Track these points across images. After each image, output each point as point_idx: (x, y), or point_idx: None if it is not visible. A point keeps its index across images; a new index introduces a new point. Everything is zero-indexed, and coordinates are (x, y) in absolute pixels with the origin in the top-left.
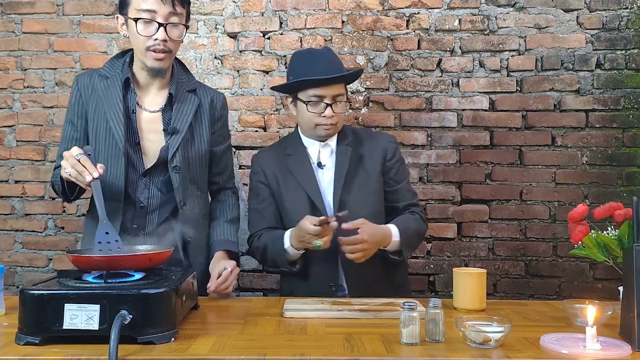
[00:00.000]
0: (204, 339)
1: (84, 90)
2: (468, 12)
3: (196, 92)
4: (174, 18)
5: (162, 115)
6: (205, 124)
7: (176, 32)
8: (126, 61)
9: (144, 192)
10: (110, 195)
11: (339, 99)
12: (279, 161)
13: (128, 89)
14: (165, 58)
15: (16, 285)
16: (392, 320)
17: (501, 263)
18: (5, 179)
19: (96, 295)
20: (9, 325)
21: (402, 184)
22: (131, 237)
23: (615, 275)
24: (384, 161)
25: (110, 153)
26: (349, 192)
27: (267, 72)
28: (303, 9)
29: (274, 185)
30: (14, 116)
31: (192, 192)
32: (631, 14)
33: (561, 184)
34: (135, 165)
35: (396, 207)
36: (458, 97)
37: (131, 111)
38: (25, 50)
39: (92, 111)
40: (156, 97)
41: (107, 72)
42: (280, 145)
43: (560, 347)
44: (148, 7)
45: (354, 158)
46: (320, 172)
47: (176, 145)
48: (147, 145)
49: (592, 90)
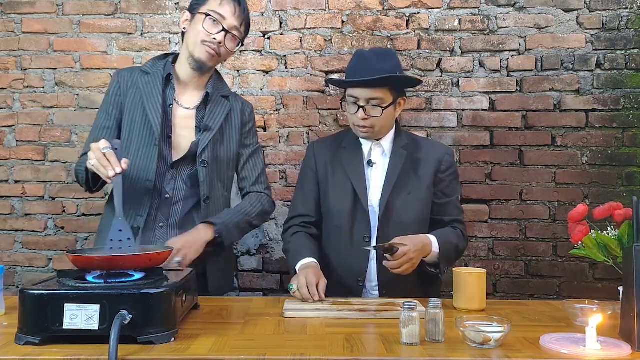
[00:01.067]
0: (204, 339)
1: (124, 82)
2: (468, 12)
3: (229, 99)
4: (235, 32)
5: (196, 113)
6: (235, 127)
7: (231, 43)
8: (168, 61)
9: (170, 183)
10: (140, 182)
11: (373, 102)
12: (333, 152)
13: (168, 85)
14: (213, 57)
15: (16, 285)
16: (392, 320)
17: (501, 263)
18: (5, 179)
19: (96, 295)
20: (9, 325)
21: (451, 199)
22: (154, 225)
23: (615, 275)
24: (437, 172)
25: (145, 142)
26: (398, 195)
27: (267, 72)
28: (303, 9)
29: (322, 174)
30: (14, 116)
31: (218, 189)
32: (631, 14)
33: (561, 184)
34: (165, 156)
35: (441, 221)
36: (458, 97)
37: (168, 105)
38: (25, 50)
39: (130, 102)
40: (193, 96)
41: (148, 69)
42: (337, 137)
43: (560, 347)
44: (221, 12)
45: (409, 162)
46: (369, 170)
47: (206, 141)
48: (177, 139)
49: (592, 90)
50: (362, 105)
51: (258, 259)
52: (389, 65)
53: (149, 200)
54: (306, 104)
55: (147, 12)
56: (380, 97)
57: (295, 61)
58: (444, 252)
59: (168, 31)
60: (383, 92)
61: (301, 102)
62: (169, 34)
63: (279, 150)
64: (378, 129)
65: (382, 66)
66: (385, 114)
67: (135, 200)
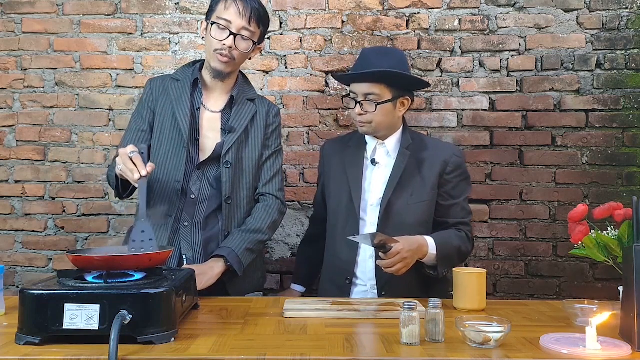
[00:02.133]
0: (204, 339)
1: (156, 89)
2: (468, 12)
3: (255, 102)
4: (245, 32)
5: (221, 116)
6: (260, 129)
7: (244, 44)
8: (196, 67)
9: (196, 184)
10: (170, 183)
11: (369, 98)
12: (340, 151)
13: (196, 89)
14: (228, 63)
15: (16, 285)
16: (392, 320)
17: (501, 263)
18: (5, 179)
19: (96, 295)
20: (9, 325)
21: (457, 201)
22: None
23: (615, 275)
24: (443, 173)
25: (174, 145)
26: (399, 195)
27: (267, 72)
28: (303, 9)
29: (327, 173)
30: (14, 116)
31: (241, 191)
32: (631, 14)
33: (561, 184)
34: (192, 158)
35: (446, 223)
36: (458, 97)
37: (196, 109)
38: (25, 50)
39: (161, 108)
40: (219, 99)
41: (178, 76)
42: (346, 137)
43: (560, 347)
44: (226, 17)
45: (413, 163)
46: (371, 169)
47: (231, 143)
48: (204, 141)
49: (592, 90)
50: (359, 101)
51: None
52: (389, 62)
53: (177, 200)
54: (306, 104)
55: (147, 12)
56: (376, 92)
57: (295, 61)
58: (442, 254)
59: (168, 31)
60: (379, 88)
61: (301, 102)
62: (169, 34)
63: None
64: (375, 125)
65: (380, 63)
66: (381, 110)
67: (166, 201)
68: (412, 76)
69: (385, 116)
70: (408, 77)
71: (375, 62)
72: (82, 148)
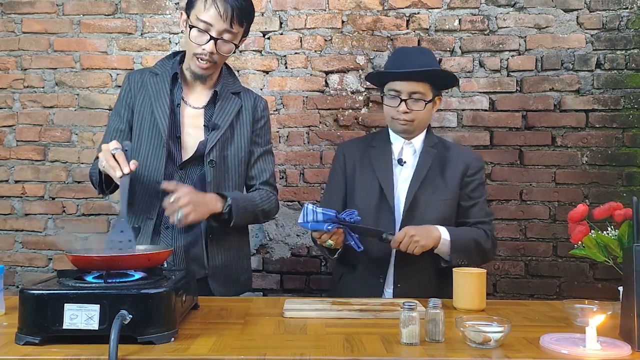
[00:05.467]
0: (204, 339)
1: (134, 84)
2: (468, 12)
3: (240, 95)
4: (227, 35)
5: (204, 112)
6: (246, 124)
7: (225, 47)
8: (176, 60)
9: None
10: (149, 184)
11: (415, 96)
12: (363, 151)
13: (175, 84)
14: (208, 67)
15: (16, 285)
16: (392, 320)
17: (501, 263)
18: (5, 179)
19: (96, 295)
20: (9, 325)
21: (477, 201)
22: (160, 227)
23: (615, 275)
24: (464, 175)
25: (153, 143)
26: (423, 192)
27: (267, 72)
28: (303, 9)
29: (350, 172)
30: (14, 116)
31: (227, 189)
32: (631, 14)
33: (561, 184)
34: (174, 157)
35: (465, 223)
36: (458, 97)
37: (176, 105)
38: (25, 50)
39: (139, 104)
40: (201, 95)
41: (157, 69)
42: (367, 138)
43: (560, 347)
44: (206, 19)
45: (437, 161)
46: (399, 168)
47: (214, 140)
48: (186, 139)
49: (592, 90)
50: (404, 99)
51: (258, 259)
52: (429, 61)
53: (159, 202)
54: (306, 104)
55: (147, 12)
56: (421, 91)
57: (295, 61)
58: (456, 242)
59: (168, 31)
60: (424, 87)
61: (301, 102)
62: (169, 34)
63: (279, 150)
64: (417, 124)
65: (422, 62)
66: (427, 108)
67: (146, 202)
68: (454, 76)
69: (426, 115)
70: (451, 77)
71: (417, 61)
72: (82, 148)
